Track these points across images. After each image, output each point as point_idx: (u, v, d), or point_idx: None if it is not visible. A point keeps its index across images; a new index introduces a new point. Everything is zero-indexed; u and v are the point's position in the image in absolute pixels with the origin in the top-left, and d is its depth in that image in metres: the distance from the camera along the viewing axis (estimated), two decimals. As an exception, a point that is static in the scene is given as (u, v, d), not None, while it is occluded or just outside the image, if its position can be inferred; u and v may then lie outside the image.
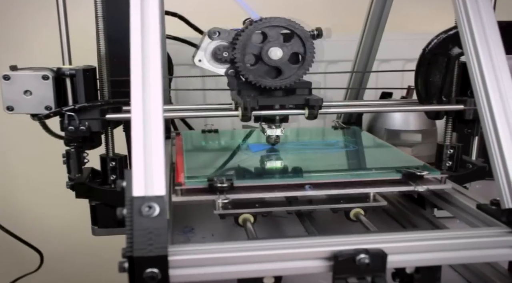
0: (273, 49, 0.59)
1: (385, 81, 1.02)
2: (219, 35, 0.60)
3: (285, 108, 0.63)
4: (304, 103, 0.62)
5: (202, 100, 1.04)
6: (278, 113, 0.63)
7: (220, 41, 0.60)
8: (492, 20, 0.52)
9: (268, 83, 0.61)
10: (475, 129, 0.71)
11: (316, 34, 0.60)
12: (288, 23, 0.59)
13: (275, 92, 0.62)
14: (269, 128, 0.65)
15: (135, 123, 0.42)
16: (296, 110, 0.63)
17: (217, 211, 0.56)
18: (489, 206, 0.50)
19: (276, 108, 0.63)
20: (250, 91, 0.62)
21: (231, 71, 0.61)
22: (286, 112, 0.63)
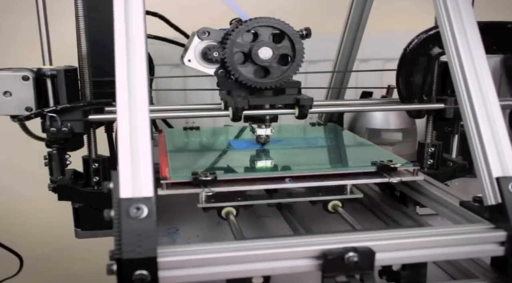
0: (263, 49, 0.60)
1: (364, 81, 1.03)
2: (208, 35, 0.60)
3: (275, 108, 0.63)
4: (294, 103, 0.62)
5: (183, 100, 1.03)
6: (269, 113, 0.64)
7: (210, 41, 0.60)
8: (472, 21, 0.53)
9: (258, 83, 0.61)
10: (455, 127, 0.72)
11: (305, 34, 0.61)
12: (278, 23, 0.60)
13: (265, 92, 0.62)
14: (259, 128, 0.66)
15: (121, 124, 0.42)
16: (286, 109, 0.63)
17: (201, 204, 0.57)
18: (472, 203, 0.51)
19: (266, 108, 0.63)
20: (240, 91, 0.62)
21: (221, 71, 0.61)
22: (277, 112, 0.64)
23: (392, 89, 0.98)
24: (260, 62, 0.60)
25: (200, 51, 0.61)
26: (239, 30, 0.59)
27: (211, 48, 0.60)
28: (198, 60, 0.61)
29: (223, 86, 0.63)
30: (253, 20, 0.60)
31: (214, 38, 0.61)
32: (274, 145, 0.71)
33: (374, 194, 0.72)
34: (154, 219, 0.38)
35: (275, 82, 0.61)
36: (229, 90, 0.63)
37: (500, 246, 0.45)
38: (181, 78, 1.02)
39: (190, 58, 0.61)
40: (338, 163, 0.64)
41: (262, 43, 0.60)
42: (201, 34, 0.60)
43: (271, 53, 0.60)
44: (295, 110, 0.63)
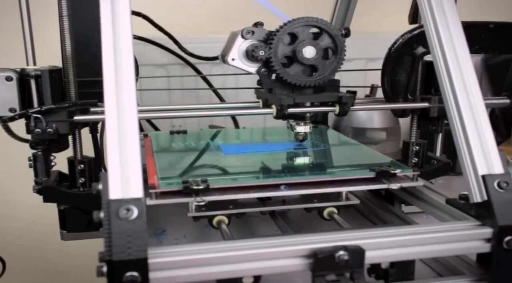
0: (307, 48, 0.61)
1: (348, 80, 1.03)
2: (252, 34, 0.61)
3: (314, 106, 0.65)
4: (336, 100, 0.64)
5: (168, 101, 1.03)
6: (311, 111, 0.65)
7: (253, 41, 0.61)
8: (456, 20, 0.54)
9: (302, 82, 0.62)
10: (439, 126, 0.72)
11: (344, 33, 0.63)
12: (321, 23, 0.61)
13: (306, 90, 0.63)
14: (298, 125, 0.67)
15: (110, 125, 0.41)
16: (327, 107, 0.65)
17: (191, 214, 0.56)
18: (458, 200, 0.52)
19: (307, 106, 0.64)
20: (282, 89, 0.63)
21: (263, 70, 0.62)
22: (319, 109, 0.66)
23: (376, 88, 0.99)
24: (305, 61, 0.61)
25: (244, 50, 0.62)
26: (285, 30, 0.61)
27: (258, 47, 0.61)
28: (242, 59, 0.63)
29: (266, 84, 0.64)
30: (296, 20, 0.61)
31: (258, 37, 0.62)
32: (265, 149, 0.70)
33: (360, 193, 0.72)
34: (144, 220, 0.38)
35: (318, 80, 0.63)
36: (270, 89, 0.64)
37: (486, 242, 0.45)
38: (166, 79, 1.01)
39: (234, 57, 0.62)
40: (335, 168, 0.64)
41: (306, 42, 0.61)
42: (245, 33, 0.61)
43: (315, 51, 0.61)
44: (335, 108, 0.64)
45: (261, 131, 0.88)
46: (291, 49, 0.61)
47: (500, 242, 0.44)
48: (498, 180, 0.46)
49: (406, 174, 0.59)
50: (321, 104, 0.65)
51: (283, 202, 0.61)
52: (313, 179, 0.57)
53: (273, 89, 0.63)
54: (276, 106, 0.62)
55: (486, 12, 1.22)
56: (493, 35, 0.69)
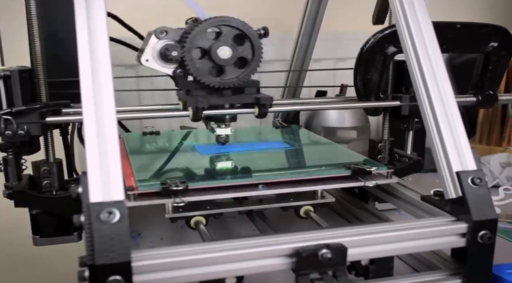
0: (222, 48, 0.59)
1: (318, 80, 1.05)
2: (166, 34, 0.59)
3: (234, 108, 0.63)
4: (254, 102, 0.62)
5: (137, 101, 1.02)
6: (229, 113, 0.63)
7: (168, 41, 0.59)
8: (427, 21, 0.55)
9: (217, 83, 0.60)
10: (410, 124, 0.74)
11: (263, 33, 0.61)
12: (237, 23, 0.59)
13: (224, 91, 0.62)
14: (219, 128, 0.65)
15: (88, 126, 0.40)
16: (246, 109, 0.63)
17: (168, 215, 0.55)
18: (432, 197, 0.53)
19: (226, 108, 0.62)
20: (199, 90, 0.61)
21: (179, 71, 0.60)
22: (237, 111, 0.63)
23: (346, 88, 1.00)
24: (218, 61, 0.60)
25: (158, 51, 0.60)
26: (199, 29, 0.59)
27: (170, 47, 0.59)
28: (156, 60, 0.60)
29: (182, 86, 0.62)
30: (212, 19, 0.59)
31: (172, 38, 0.60)
32: (240, 150, 0.70)
33: (334, 191, 0.73)
34: (127, 223, 0.37)
35: (235, 82, 0.61)
36: (188, 90, 0.62)
37: (462, 237, 0.46)
38: (135, 79, 1.00)
39: (148, 58, 0.60)
40: (312, 167, 0.64)
41: (222, 43, 0.60)
42: (159, 33, 0.59)
43: (230, 52, 0.60)
44: (255, 110, 0.63)
45: (234, 132, 0.87)
46: (206, 49, 0.60)
47: (475, 237, 0.46)
48: (472, 176, 0.47)
49: (380, 171, 0.60)
50: (243, 106, 0.63)
51: (260, 201, 0.61)
52: (291, 178, 0.58)
53: (190, 91, 0.62)
54: (192, 109, 0.60)
55: (449, 12, 1.26)
56: (460, 35, 0.71)
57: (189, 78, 0.61)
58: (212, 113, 0.62)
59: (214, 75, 0.61)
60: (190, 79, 0.61)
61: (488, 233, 0.46)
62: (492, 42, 0.72)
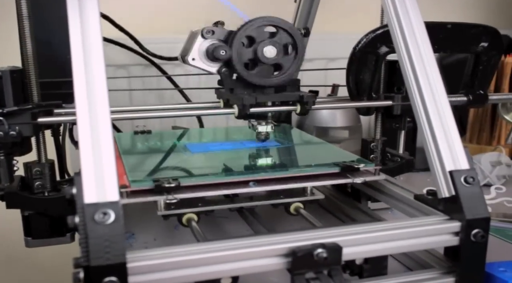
0: (267, 48, 0.61)
1: (310, 80, 1.05)
2: (213, 34, 0.61)
3: (275, 105, 0.65)
4: (297, 100, 0.64)
5: (129, 101, 1.01)
6: (273, 110, 0.66)
7: (213, 40, 0.61)
8: (419, 21, 0.55)
9: (264, 81, 0.62)
10: (402, 123, 0.74)
11: (304, 33, 0.64)
12: (281, 23, 0.62)
13: (267, 89, 0.64)
14: (260, 125, 0.67)
15: (82, 127, 0.40)
16: (288, 106, 0.65)
17: (161, 212, 0.55)
18: (425, 196, 0.53)
19: (268, 106, 0.64)
20: (243, 89, 0.63)
21: (224, 69, 0.62)
22: (280, 109, 0.66)
23: (337, 87, 1.00)
24: (266, 60, 0.62)
25: (204, 50, 0.61)
26: (245, 29, 0.61)
27: (218, 47, 0.60)
28: (202, 59, 0.62)
29: (227, 84, 0.63)
30: (260, 19, 0.61)
31: (217, 37, 0.62)
32: (231, 148, 0.70)
33: (325, 190, 0.73)
34: (122, 224, 0.37)
35: (280, 80, 0.63)
36: (231, 89, 0.64)
37: (455, 236, 0.47)
38: (126, 80, 0.99)
39: (195, 57, 0.62)
40: (301, 164, 0.64)
41: (267, 42, 0.62)
42: (205, 33, 0.61)
43: (275, 51, 0.62)
44: (297, 107, 0.65)
45: (225, 131, 0.87)
46: (251, 49, 0.62)
47: (468, 235, 0.46)
48: (465, 175, 0.48)
49: (367, 168, 0.61)
50: (282, 103, 0.65)
51: (250, 198, 0.61)
52: (282, 175, 0.58)
53: (234, 89, 0.63)
54: (238, 106, 0.62)
55: (438, 12, 1.26)
56: (451, 35, 0.71)
57: (233, 77, 0.63)
58: (257, 111, 0.64)
59: (266, 75, 0.63)
60: (234, 77, 0.63)
61: (481, 232, 0.46)
62: (482, 42, 0.73)
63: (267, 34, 0.62)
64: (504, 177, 0.90)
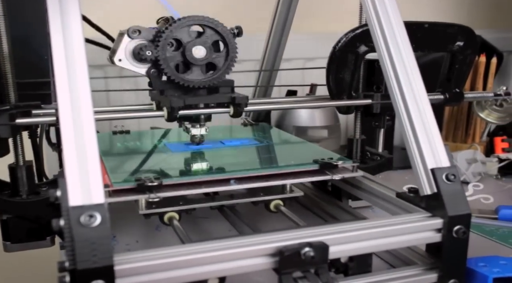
0: (197, 47, 0.59)
1: (288, 80, 1.05)
2: (139, 33, 0.59)
3: (209, 107, 0.63)
4: (229, 101, 0.62)
5: (106, 102, 1.00)
6: (205, 112, 0.63)
7: (141, 40, 0.59)
8: (399, 20, 0.56)
9: (193, 83, 0.60)
10: (381, 122, 0.75)
11: (236, 32, 0.61)
12: (211, 22, 0.60)
13: (199, 91, 0.62)
14: (194, 128, 0.65)
15: (65, 128, 0.39)
16: (221, 108, 0.63)
17: (142, 211, 0.55)
18: (407, 194, 0.54)
19: (201, 108, 0.62)
20: (174, 90, 0.61)
21: (153, 70, 0.60)
22: (212, 111, 0.63)
23: (315, 87, 1.01)
24: (193, 61, 0.60)
25: (131, 51, 0.59)
26: (172, 28, 0.59)
27: (144, 47, 0.58)
28: (129, 60, 0.60)
29: (156, 86, 0.61)
30: (186, 18, 0.59)
31: (145, 37, 0.59)
32: (211, 147, 0.70)
33: (306, 189, 0.74)
34: (108, 226, 0.36)
35: (210, 81, 0.61)
36: (161, 90, 0.62)
37: (437, 233, 0.47)
38: (103, 80, 0.98)
39: (121, 58, 0.60)
40: (281, 162, 0.64)
41: (196, 42, 0.60)
42: (131, 33, 0.59)
43: (205, 51, 0.60)
44: (230, 109, 0.63)
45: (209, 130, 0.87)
46: (180, 49, 0.60)
47: (450, 231, 0.47)
48: (446, 172, 0.48)
49: (345, 165, 0.61)
50: (218, 105, 0.63)
51: (231, 196, 0.61)
52: (262, 173, 0.58)
53: (164, 91, 0.61)
54: (167, 109, 0.60)
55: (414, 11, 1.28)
56: (428, 34, 0.72)
57: (163, 78, 0.60)
58: (187, 113, 0.62)
59: (189, 75, 0.61)
60: (164, 79, 0.60)
61: (462, 228, 0.47)
62: (458, 41, 0.74)
63: (196, 34, 0.60)
64: (479, 174, 0.92)
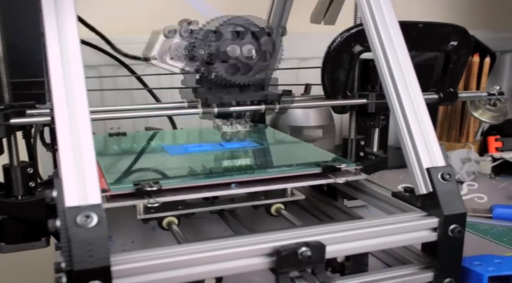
0: (231, 47, 0.60)
1: (282, 80, 1.05)
2: (175, 33, 0.60)
3: (240, 105, 0.63)
4: (263, 99, 0.64)
5: (100, 102, 0.99)
6: (242, 110, 0.64)
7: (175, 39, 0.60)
8: (394, 19, 0.56)
9: (236, 80, 0.61)
10: (376, 121, 0.75)
11: (281, 32, 0.64)
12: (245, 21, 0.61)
13: (232, 89, 0.62)
14: (225, 125, 0.65)
15: (61, 128, 0.39)
16: (254, 106, 0.64)
17: (140, 216, 0.55)
18: (403, 193, 0.54)
19: (233, 105, 0.63)
20: (208, 88, 0.62)
21: (188, 69, 0.61)
22: (248, 108, 0.64)
23: (310, 87, 1.01)
24: (230, 60, 0.60)
25: (167, 49, 0.60)
26: (208, 28, 0.60)
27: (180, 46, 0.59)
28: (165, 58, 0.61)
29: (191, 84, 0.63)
30: (220, 18, 0.60)
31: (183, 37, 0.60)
32: (210, 149, 0.70)
33: (301, 189, 0.73)
34: (105, 227, 0.36)
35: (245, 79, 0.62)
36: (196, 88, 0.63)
37: (433, 232, 0.48)
38: (97, 80, 0.98)
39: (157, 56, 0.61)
40: (284, 165, 0.63)
41: (231, 41, 0.60)
42: (167, 32, 0.60)
43: (240, 50, 0.61)
44: (261, 107, 0.64)
45: (200, 132, 0.87)
46: (215, 48, 0.60)
47: (446, 230, 0.47)
48: (441, 172, 0.49)
49: (348, 168, 0.61)
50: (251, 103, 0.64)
51: (231, 200, 0.61)
52: (264, 176, 0.58)
53: (199, 89, 0.62)
54: (203, 106, 0.61)
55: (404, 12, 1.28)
56: (422, 34, 0.72)
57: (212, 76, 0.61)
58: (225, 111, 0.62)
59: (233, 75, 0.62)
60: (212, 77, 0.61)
61: (458, 227, 0.47)
62: (452, 41, 0.74)
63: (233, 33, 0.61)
64: (473, 173, 0.92)
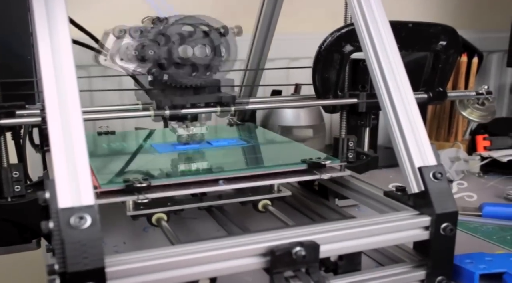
0: (182, 47, 0.59)
1: (272, 80, 1.05)
2: (125, 33, 0.58)
3: (195, 107, 0.63)
4: (217, 101, 0.62)
5: (90, 102, 0.99)
6: (196, 112, 0.63)
7: (127, 40, 0.59)
8: (384, 19, 0.56)
9: (188, 82, 0.60)
10: (367, 121, 0.75)
11: (223, 32, 0.62)
12: (196, 21, 0.60)
13: (186, 91, 0.61)
14: (180, 128, 0.65)
15: (53, 128, 0.39)
16: (209, 108, 0.63)
17: (130, 212, 0.54)
18: (395, 192, 0.54)
19: (187, 107, 0.62)
20: (160, 90, 0.61)
21: (139, 70, 0.60)
22: (201, 111, 0.63)
23: (300, 87, 1.01)
24: (182, 60, 0.60)
25: (117, 50, 0.59)
26: (158, 27, 0.59)
27: (130, 46, 0.58)
28: (116, 59, 0.60)
29: (143, 86, 0.62)
30: (171, 18, 0.59)
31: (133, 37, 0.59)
32: (198, 147, 0.70)
33: (293, 188, 0.74)
34: (99, 228, 0.36)
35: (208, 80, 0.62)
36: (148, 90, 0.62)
37: (425, 230, 0.48)
38: (86, 80, 0.97)
39: (107, 57, 0.60)
40: (269, 162, 0.64)
41: (182, 41, 0.59)
42: (117, 32, 0.59)
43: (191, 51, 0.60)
44: (217, 109, 0.64)
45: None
46: (166, 48, 0.60)
47: (438, 229, 0.47)
48: (433, 171, 0.49)
49: (333, 165, 0.61)
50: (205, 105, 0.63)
51: (219, 196, 0.61)
52: (250, 173, 0.58)
53: (150, 91, 0.62)
54: (154, 109, 0.61)
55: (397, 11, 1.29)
56: (412, 34, 0.73)
57: (149, 78, 0.60)
58: (177, 113, 0.62)
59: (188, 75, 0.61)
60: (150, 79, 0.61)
61: (450, 225, 0.47)
62: (441, 41, 0.75)
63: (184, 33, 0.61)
64: (462, 172, 0.93)
